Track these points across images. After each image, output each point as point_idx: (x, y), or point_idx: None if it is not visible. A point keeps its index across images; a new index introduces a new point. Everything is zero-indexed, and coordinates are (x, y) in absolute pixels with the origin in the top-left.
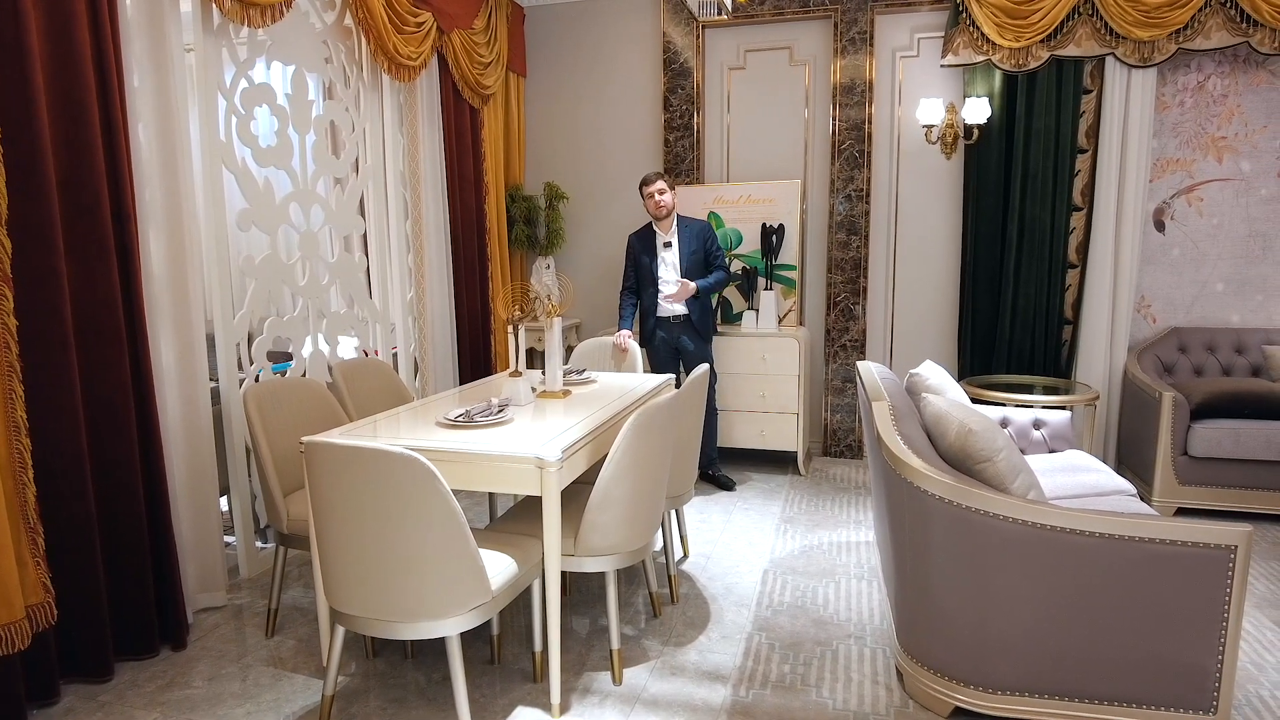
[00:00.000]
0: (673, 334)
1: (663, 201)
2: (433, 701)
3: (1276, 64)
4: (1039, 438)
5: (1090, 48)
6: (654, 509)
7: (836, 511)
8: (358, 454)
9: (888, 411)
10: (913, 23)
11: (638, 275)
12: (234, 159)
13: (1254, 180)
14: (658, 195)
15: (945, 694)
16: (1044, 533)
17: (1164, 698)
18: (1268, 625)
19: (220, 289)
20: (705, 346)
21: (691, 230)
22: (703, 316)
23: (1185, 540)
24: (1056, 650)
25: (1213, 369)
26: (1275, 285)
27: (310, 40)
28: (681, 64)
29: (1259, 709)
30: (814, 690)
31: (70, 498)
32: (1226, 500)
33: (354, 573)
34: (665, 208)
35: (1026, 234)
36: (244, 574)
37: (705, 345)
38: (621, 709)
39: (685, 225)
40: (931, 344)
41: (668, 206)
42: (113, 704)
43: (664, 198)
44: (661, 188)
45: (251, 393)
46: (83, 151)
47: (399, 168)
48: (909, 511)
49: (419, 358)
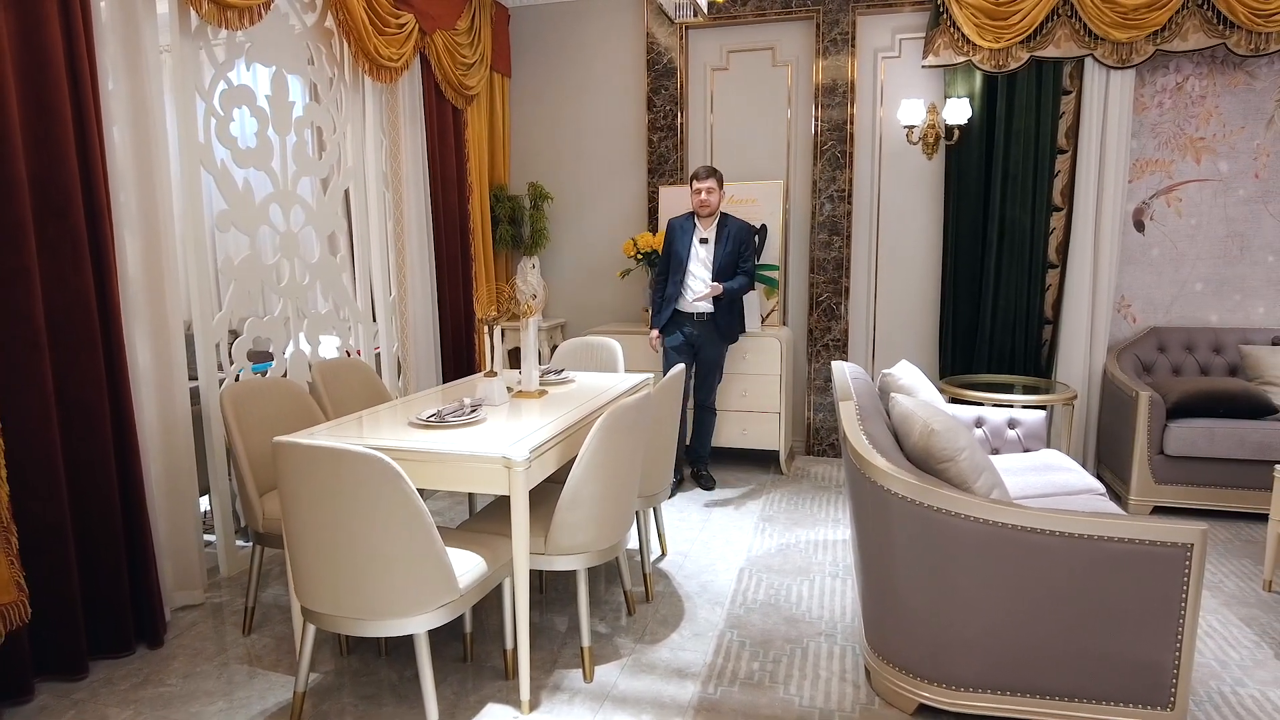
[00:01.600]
0: (692, 331)
1: (707, 201)
2: (404, 699)
3: (1253, 65)
4: (1013, 437)
5: (1069, 49)
6: (625, 508)
7: (816, 510)
8: (324, 454)
9: (854, 411)
10: (894, 24)
11: (669, 261)
12: (213, 160)
13: (1232, 181)
14: (704, 194)
15: (910, 691)
16: (1005, 531)
17: (1122, 694)
18: (1234, 622)
19: (200, 289)
20: (721, 348)
21: (731, 231)
22: (729, 319)
23: (1142, 539)
24: (1018, 647)
25: (1191, 368)
26: (1252, 285)
27: (290, 42)
28: (665, 64)
29: (1219, 705)
30: (781, 687)
31: (43, 497)
32: (1201, 499)
33: (323, 571)
34: (709, 207)
35: (1007, 234)
36: (224, 573)
37: (722, 346)
38: (590, 706)
39: (727, 224)
40: (913, 344)
41: (711, 206)
42: (86, 702)
43: (709, 197)
44: (710, 186)
45: (228, 393)
46: (54, 152)
47: (381, 168)
48: (873, 510)
49: (401, 358)
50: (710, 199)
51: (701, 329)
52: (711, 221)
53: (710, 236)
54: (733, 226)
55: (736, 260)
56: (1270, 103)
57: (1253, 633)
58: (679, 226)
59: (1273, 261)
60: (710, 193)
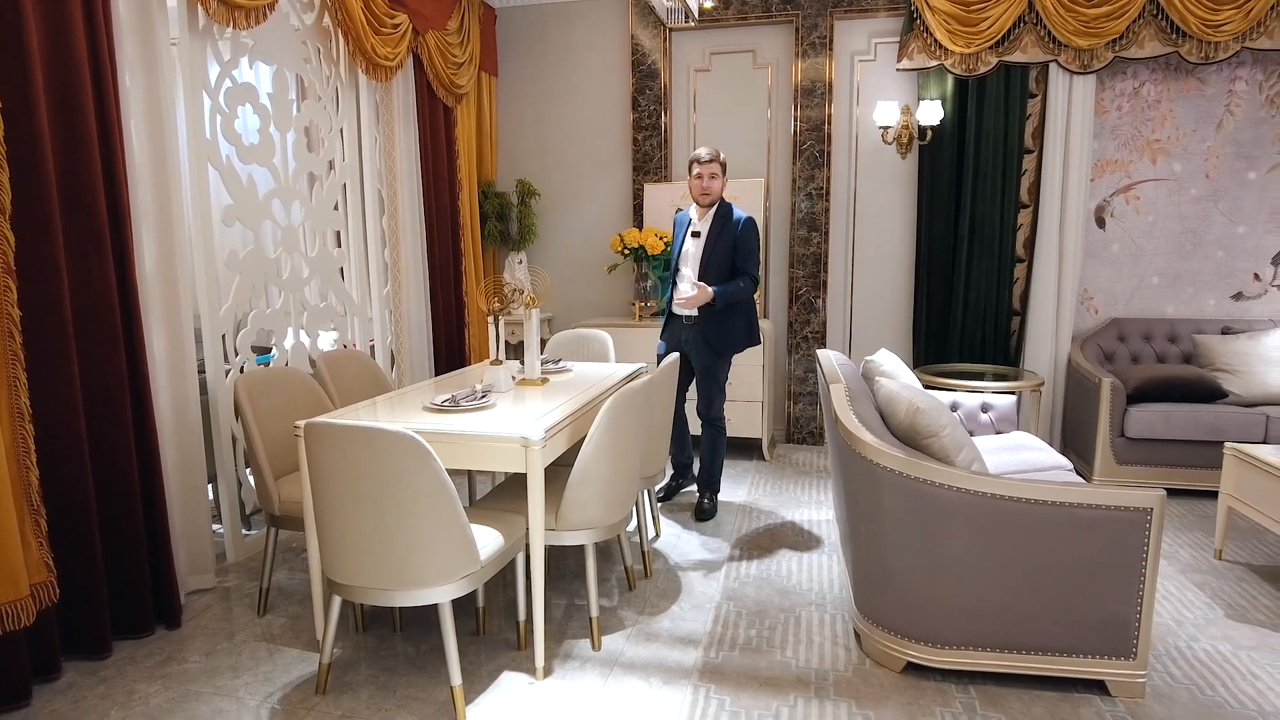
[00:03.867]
0: (681, 337)
1: (709, 187)
2: (423, 670)
3: (1204, 73)
4: (986, 420)
5: (1035, 54)
6: (629, 487)
7: (799, 493)
8: (359, 433)
9: (844, 393)
10: (870, 28)
11: (671, 260)
12: (219, 156)
13: (1185, 180)
14: (706, 178)
15: (898, 651)
16: (986, 501)
17: (1091, 646)
18: (1189, 587)
19: (207, 283)
20: (714, 360)
21: (729, 224)
22: (719, 328)
23: (1108, 504)
24: (997, 606)
25: (1149, 357)
26: (1204, 279)
27: (290, 40)
28: (649, 65)
29: (1175, 659)
30: (779, 651)
31: (70, 482)
32: (1159, 478)
33: (352, 545)
34: (710, 194)
35: (977, 230)
36: (231, 559)
37: (714, 359)
38: (601, 671)
39: (724, 217)
40: (888, 335)
41: (713, 194)
42: (114, 678)
43: (712, 182)
44: (713, 171)
45: (242, 382)
46: (80, 150)
47: (376, 165)
48: (864, 484)
49: (395, 350)
50: (713, 185)
51: (689, 335)
52: (708, 213)
53: (703, 229)
54: (732, 220)
55: (732, 259)
56: (1220, 108)
57: (1205, 596)
58: (679, 221)
59: (1222, 256)
60: (713, 178)
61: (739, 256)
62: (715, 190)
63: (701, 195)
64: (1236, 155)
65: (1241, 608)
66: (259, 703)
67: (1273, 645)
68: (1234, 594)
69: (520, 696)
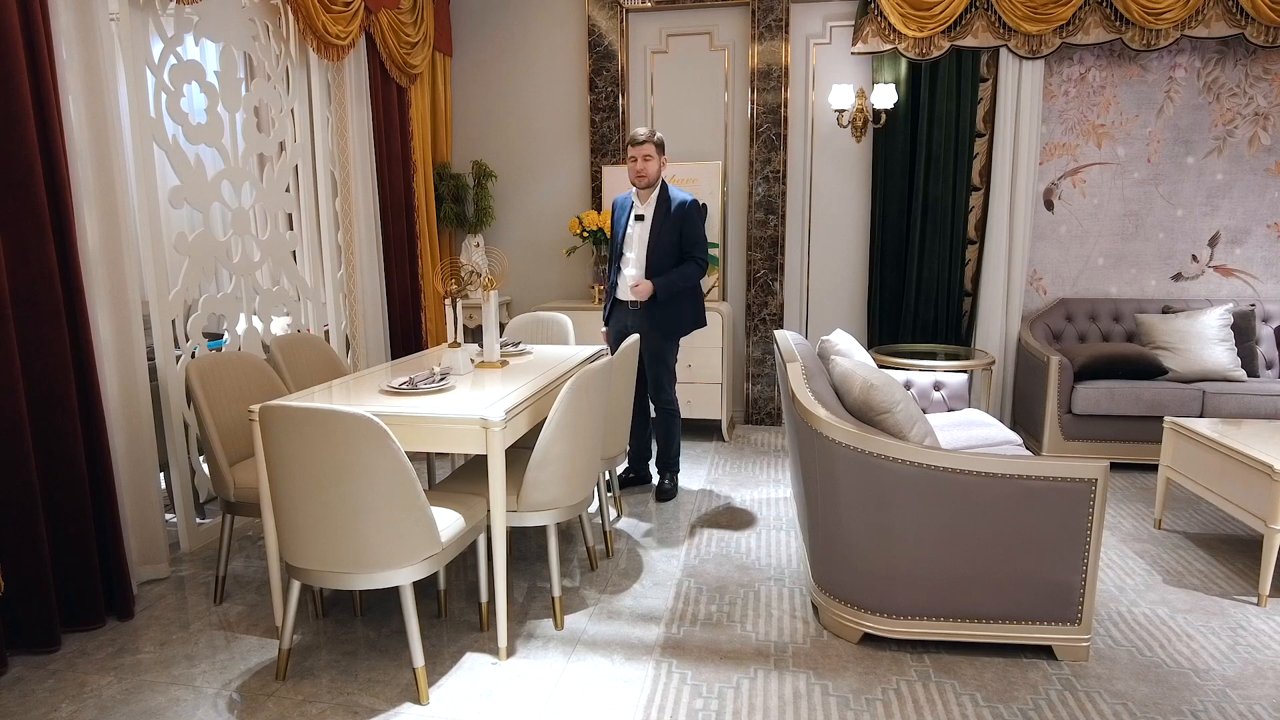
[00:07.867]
0: (627, 322)
1: (644, 170)
2: (385, 653)
3: (1146, 60)
4: (939, 398)
5: (986, 39)
6: (590, 467)
7: (758, 472)
8: (316, 416)
9: (800, 372)
10: (825, 11)
11: (611, 244)
12: (165, 135)
13: (1128, 164)
14: (640, 160)
15: (854, 622)
16: (937, 474)
17: (1038, 612)
18: (1130, 555)
19: (154, 266)
20: (659, 342)
21: (673, 208)
22: (665, 311)
23: (1054, 476)
24: (949, 577)
25: (1094, 336)
26: (1146, 260)
27: (238, 17)
28: (606, 46)
29: (1118, 622)
30: (739, 625)
31: (12, 471)
32: (1104, 453)
33: (311, 529)
34: (645, 177)
35: (930, 212)
36: (185, 548)
37: (659, 340)
38: (564, 649)
39: (666, 201)
40: (844, 316)
41: (648, 177)
42: (63, 672)
43: (646, 165)
44: (648, 152)
45: (193, 366)
46: (13, 125)
47: (328, 146)
48: (819, 459)
49: (350, 335)
50: (648, 167)
51: (637, 320)
52: (650, 195)
53: (647, 213)
54: (675, 202)
55: (678, 243)
56: (1160, 94)
57: (1145, 563)
58: (619, 204)
59: (1162, 238)
60: (648, 160)
61: (686, 241)
62: (651, 172)
63: (637, 178)
64: (1176, 140)
65: (1178, 573)
66: (217, 691)
67: (1206, 608)
68: (1172, 561)
69: (484, 677)
